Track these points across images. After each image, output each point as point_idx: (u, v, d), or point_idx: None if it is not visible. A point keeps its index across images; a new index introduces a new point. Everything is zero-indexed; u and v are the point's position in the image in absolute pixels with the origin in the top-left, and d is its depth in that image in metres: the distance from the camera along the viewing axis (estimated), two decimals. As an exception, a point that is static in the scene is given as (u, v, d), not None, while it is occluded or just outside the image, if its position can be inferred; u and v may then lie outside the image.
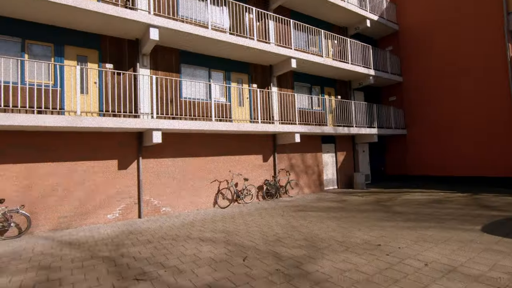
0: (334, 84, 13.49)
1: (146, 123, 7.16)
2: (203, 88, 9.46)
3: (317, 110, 12.55)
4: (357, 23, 13.86)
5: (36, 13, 6.60)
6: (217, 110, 9.59)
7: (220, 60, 9.92)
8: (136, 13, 7.22)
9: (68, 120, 6.13)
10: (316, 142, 12.44)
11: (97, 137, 7.49)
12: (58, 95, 6.79)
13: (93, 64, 7.63)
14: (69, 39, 7.32)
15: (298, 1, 11.64)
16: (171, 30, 7.83)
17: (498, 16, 11.58)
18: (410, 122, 14.62)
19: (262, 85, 10.94)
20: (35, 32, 6.91)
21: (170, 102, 8.65)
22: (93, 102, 7.48)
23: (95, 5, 6.62)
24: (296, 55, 10.40)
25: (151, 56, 8.52)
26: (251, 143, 10.40)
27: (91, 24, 7.23)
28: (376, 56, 14.27)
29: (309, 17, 12.91)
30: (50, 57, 7.12)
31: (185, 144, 8.92)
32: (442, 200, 8.94)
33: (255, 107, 10.53)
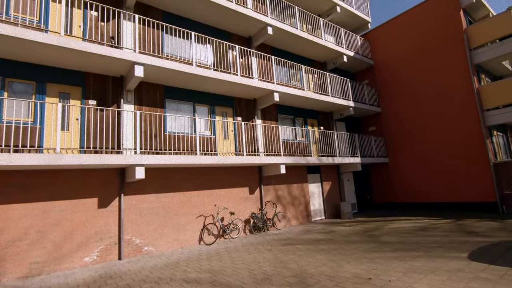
0: (316, 116, 13.91)
1: (128, 159, 7.02)
2: (188, 122, 9.51)
3: (301, 141, 12.78)
4: (335, 59, 14.70)
5: (18, 52, 6.62)
6: (202, 144, 9.58)
7: (204, 95, 10.12)
8: (121, 51, 7.38)
9: (45, 158, 5.93)
10: (301, 172, 12.52)
11: (77, 175, 7.24)
12: (37, 132, 6.63)
13: (75, 101, 7.59)
14: (52, 77, 7.32)
15: (278, 39, 12.33)
16: (156, 67, 8.01)
17: (462, 51, 12.63)
18: (391, 150, 15.08)
19: (247, 118, 11.14)
20: (17, 71, 6.88)
21: (154, 137, 8.60)
22: (74, 138, 7.33)
23: (81, 45, 6.73)
24: (279, 89, 10.78)
25: (136, 92, 8.60)
26: (236, 176, 10.33)
27: (76, 62, 7.30)
28: (354, 89, 15.00)
29: (290, 53, 13.61)
30: (32, 94, 7.04)
31: (169, 179, 8.74)
32: (428, 228, 9.00)
33: (240, 140, 10.61)
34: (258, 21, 10.97)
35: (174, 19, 9.89)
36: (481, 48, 12.48)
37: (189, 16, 10.19)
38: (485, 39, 12.34)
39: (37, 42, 6.27)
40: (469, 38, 12.64)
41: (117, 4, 8.70)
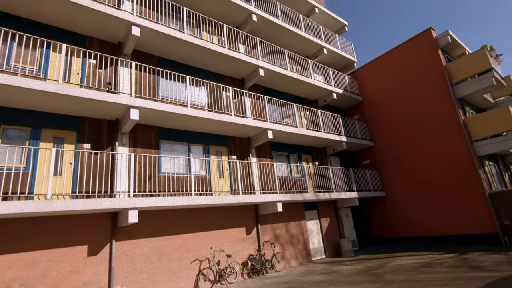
0: (310, 151, 14.05)
1: (121, 202, 6.86)
2: (182, 162, 9.50)
3: (296, 177, 12.75)
4: (325, 96, 15.27)
5: (15, 100, 6.75)
6: (197, 184, 9.48)
7: (199, 135, 10.25)
8: (117, 96, 7.58)
9: (35, 205, 5.76)
10: (299, 209, 12.30)
11: (67, 221, 6.99)
12: (28, 178, 6.52)
13: (70, 145, 7.60)
14: (48, 122, 7.40)
15: (270, 80, 12.87)
16: (151, 110, 8.19)
17: (445, 86, 13.28)
18: (387, 183, 15.07)
19: (242, 156, 11.19)
20: (12, 117, 6.95)
21: (148, 179, 8.50)
22: (66, 183, 7.20)
23: (78, 91, 6.92)
24: (272, 127, 10.99)
25: (131, 134, 8.67)
26: (232, 216, 10.09)
27: (72, 108, 7.44)
28: (346, 124, 15.38)
29: (281, 93, 14.12)
30: (26, 140, 7.05)
31: (163, 222, 8.48)
32: (432, 264, 8.69)
33: (235, 178, 10.54)
34: (249, 64, 11.53)
35: (169, 64, 10.35)
36: (462, 83, 13.17)
37: (184, 61, 10.69)
38: (465, 75, 13.08)
39: (35, 90, 6.43)
40: (450, 74, 13.38)
41: (115, 52, 9.13)
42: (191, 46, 9.95)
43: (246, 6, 12.32)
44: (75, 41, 8.46)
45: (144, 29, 8.82)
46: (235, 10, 12.38)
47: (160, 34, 9.17)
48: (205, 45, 10.13)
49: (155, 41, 9.42)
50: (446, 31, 13.76)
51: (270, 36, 14.26)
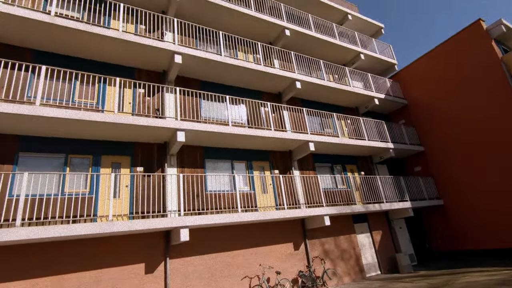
0: (355, 161, 13.50)
1: (173, 221, 7.19)
2: (227, 180, 9.72)
3: (342, 188, 12.28)
4: (366, 103, 14.71)
5: (79, 132, 7.55)
6: (242, 200, 9.60)
7: (241, 151, 10.45)
8: (165, 120, 8.10)
9: (99, 226, 6.28)
10: (347, 222, 11.76)
11: (125, 241, 7.48)
12: (92, 202, 7.16)
13: (125, 169, 8.23)
14: (106, 149, 8.12)
15: (307, 91, 12.79)
16: (195, 131, 8.59)
17: (503, 79, 12.02)
18: (445, 190, 13.81)
19: (284, 170, 11.13)
20: (77, 147, 7.76)
21: (196, 197, 8.83)
22: (124, 205, 7.77)
23: (131, 119, 7.54)
24: (313, 139, 10.82)
25: (178, 155, 9.14)
26: (279, 231, 9.97)
27: (127, 134, 8.10)
28: (391, 130, 14.59)
29: (320, 103, 13.92)
30: (88, 167, 7.80)
31: (213, 239, 8.67)
32: (509, 281, 7.64)
33: (280, 193, 10.48)
34: (286, 78, 11.61)
35: (210, 86, 10.84)
36: (524, 75, 11.82)
37: (223, 81, 11.13)
38: (527, 65, 11.74)
39: (96, 122, 7.14)
40: (508, 65, 12.11)
41: (160, 80, 9.83)
42: (228, 67, 10.35)
43: (279, 22, 12.55)
44: (126, 74, 9.30)
45: (185, 56, 9.40)
46: (268, 28, 12.68)
47: (200, 59, 9.69)
48: (241, 64, 10.47)
49: (196, 65, 9.96)
50: (499, 21, 12.59)
51: (305, 48, 14.29)
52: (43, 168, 7.26)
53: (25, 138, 7.25)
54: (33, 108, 6.46)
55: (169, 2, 10.40)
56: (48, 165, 7.37)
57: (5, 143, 6.97)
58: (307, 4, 15.47)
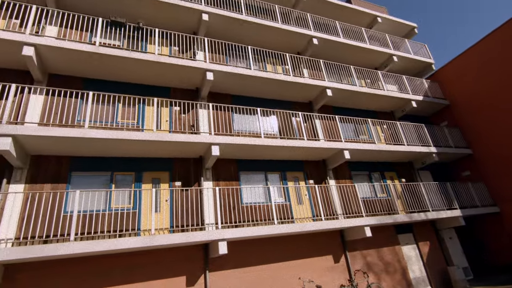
0: (394, 168, 12.84)
1: (211, 234, 7.31)
2: (261, 192, 9.73)
3: (382, 197, 11.70)
4: (402, 106, 14.05)
5: (121, 150, 8.06)
6: (278, 211, 9.52)
7: (274, 163, 10.44)
8: (200, 136, 8.39)
9: (143, 240, 6.58)
10: (390, 233, 11.11)
11: (165, 254, 7.72)
12: (136, 216, 7.54)
13: (164, 184, 8.60)
14: (147, 166, 8.58)
15: (339, 98, 12.55)
16: (229, 145, 8.77)
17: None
18: (500, 196, 12.56)
19: (319, 180, 10.89)
20: (121, 165, 8.29)
21: (233, 209, 8.93)
22: (164, 219, 8.08)
23: (169, 136, 7.92)
24: (348, 146, 10.52)
25: (213, 169, 9.36)
26: (317, 243, 9.69)
27: (165, 151, 8.51)
28: (432, 133, 13.73)
29: (353, 109, 13.56)
30: (131, 183, 8.27)
31: (250, 252, 8.65)
32: None
33: (316, 203, 10.25)
34: (316, 86, 11.51)
35: (241, 99, 11.08)
36: None
37: (253, 94, 11.32)
38: None
39: (137, 140, 7.60)
40: None
41: (194, 97, 10.26)
42: (258, 79, 10.52)
43: (306, 32, 12.58)
44: (162, 93, 9.84)
45: (216, 72, 9.74)
46: (295, 38, 12.75)
47: (230, 74, 9.98)
48: (270, 76, 10.59)
49: (227, 81, 10.27)
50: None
51: (334, 55, 14.14)
52: (92, 186, 7.83)
53: (76, 158, 7.91)
54: (82, 131, 7.06)
55: (199, 23, 10.93)
56: (96, 182, 7.94)
57: (60, 164, 7.66)
58: (334, 11, 15.39)
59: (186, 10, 10.58)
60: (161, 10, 10.40)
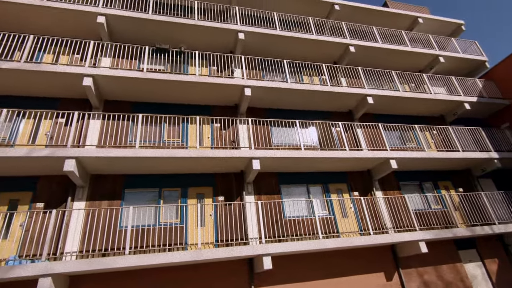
0: (448, 176, 11.79)
1: (255, 249, 7.29)
2: (304, 205, 9.54)
3: (436, 209, 10.75)
4: (453, 109, 13.00)
5: (168, 167, 8.51)
6: (322, 225, 9.23)
7: (316, 175, 10.22)
8: (240, 151, 8.56)
9: (190, 255, 6.77)
10: (449, 249, 10.10)
11: (212, 267, 7.84)
12: (183, 231, 7.84)
13: (208, 199, 8.85)
14: (192, 182, 8.93)
15: (380, 106, 12.02)
16: (269, 158, 8.81)
17: None
18: None
19: (364, 192, 10.39)
20: (169, 182, 8.74)
21: (275, 223, 8.86)
22: (210, 233, 8.27)
23: (211, 152, 8.21)
24: (394, 155, 9.94)
25: (254, 183, 9.44)
26: (366, 259, 9.14)
27: (208, 166, 8.81)
28: (492, 136, 12.44)
29: (396, 116, 12.87)
30: (177, 199, 8.65)
31: (295, 268, 8.44)
32: None
33: (363, 217, 9.75)
34: (355, 94, 11.18)
35: (279, 112, 11.16)
36: None
37: (291, 107, 11.34)
38: None
39: (182, 157, 7.99)
40: None
41: (233, 113, 10.57)
42: (295, 92, 10.54)
43: (342, 41, 12.41)
44: (203, 111, 10.30)
45: (254, 88, 9.96)
46: (331, 48, 12.63)
47: (267, 88, 10.14)
48: (307, 88, 10.55)
49: (264, 95, 10.43)
50: None
51: (373, 61, 13.69)
52: (142, 202, 8.34)
53: (129, 176, 8.52)
54: (134, 151, 7.63)
55: (236, 42, 11.36)
56: (146, 198, 8.45)
57: (115, 182, 8.32)
58: (370, 17, 15.02)
59: (223, 31, 11.10)
60: (200, 33, 11.03)
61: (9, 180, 7.68)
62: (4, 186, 7.58)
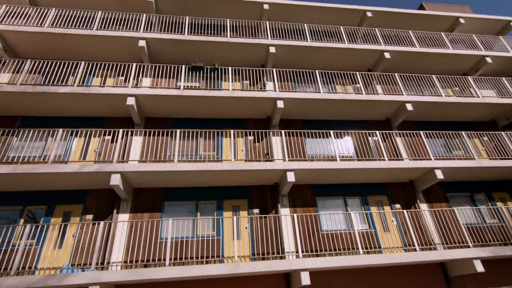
0: (504, 187, 10.68)
1: (292, 263, 7.13)
2: (341, 218, 9.20)
3: (493, 223, 9.74)
4: (506, 113, 11.89)
5: (204, 180, 8.74)
6: (361, 239, 8.79)
7: (353, 186, 9.84)
8: (274, 163, 8.55)
9: (228, 267, 6.81)
10: (510, 268, 9.04)
11: (248, 281, 7.78)
12: (220, 243, 7.93)
13: (243, 212, 8.90)
14: (227, 194, 9.06)
15: (421, 111, 11.36)
16: (304, 170, 8.68)
17: None
18: None
19: (406, 204, 9.77)
20: (205, 194, 8.95)
21: (312, 237, 8.63)
22: (246, 246, 8.27)
23: (245, 165, 8.31)
24: (439, 165, 9.27)
25: (289, 195, 9.32)
26: (413, 277, 8.48)
27: (243, 179, 8.91)
28: (555, 142, 11.10)
29: (439, 122, 12.06)
30: (213, 211, 8.81)
31: (334, 285, 8.08)
32: None
33: (406, 231, 9.14)
34: (392, 102, 10.71)
35: (312, 123, 11.02)
36: None
37: (324, 117, 11.15)
38: None
39: (217, 171, 8.18)
40: None
41: (266, 126, 10.65)
42: (328, 102, 10.37)
43: (376, 48, 12.06)
44: (237, 125, 10.51)
45: (286, 100, 9.99)
46: (364, 56, 12.32)
47: (300, 100, 10.10)
48: (341, 97, 10.33)
49: (297, 107, 10.40)
50: None
51: (410, 67, 13.09)
52: (180, 214, 8.62)
53: (168, 189, 8.89)
54: (173, 165, 7.97)
55: (267, 56, 11.55)
56: (183, 211, 8.72)
57: (155, 194, 8.72)
58: (405, 21, 14.49)
59: (254, 46, 11.37)
60: (233, 49, 11.40)
61: (63, 193, 8.41)
62: (59, 199, 8.31)
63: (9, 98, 8.87)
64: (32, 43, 10.45)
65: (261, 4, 13.05)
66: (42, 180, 7.86)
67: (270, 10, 13.31)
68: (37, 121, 9.57)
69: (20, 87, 8.74)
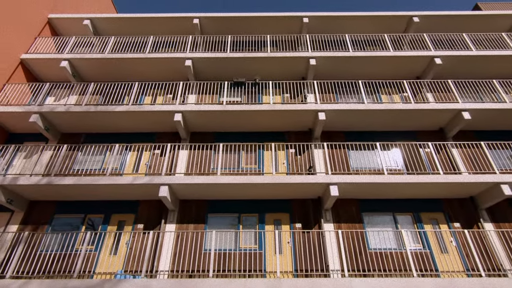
0: None
1: (338, 283, 6.77)
2: (391, 236, 8.57)
3: None
4: None
5: (246, 193, 8.83)
6: (414, 260, 8.07)
7: (403, 202, 9.16)
8: (316, 177, 8.36)
9: (270, 283, 6.69)
10: None
11: (293, 299, 7.57)
12: (262, 257, 7.88)
13: (285, 226, 8.76)
14: (269, 208, 9.03)
15: (480, 121, 10.30)
16: (348, 184, 8.34)
17: None
18: None
19: (467, 223, 8.79)
20: (249, 207, 9.03)
21: (359, 255, 8.15)
22: (288, 261, 8.10)
23: (287, 179, 8.25)
24: (506, 179, 8.24)
25: (333, 210, 8.99)
26: (478, 307, 7.51)
27: (284, 192, 8.83)
28: None
29: (504, 132, 10.79)
30: (255, 224, 8.81)
31: (385, 308, 7.48)
32: None
33: (468, 253, 8.19)
34: (446, 110, 9.89)
35: (355, 135, 10.62)
36: None
37: (369, 128, 10.68)
38: None
39: (259, 184, 8.23)
40: None
41: (307, 138, 10.52)
42: (373, 113, 9.94)
43: (425, 54, 11.35)
44: (278, 138, 10.55)
45: (328, 112, 9.81)
46: (412, 63, 11.65)
47: (342, 111, 9.84)
48: (387, 107, 9.84)
49: (339, 118, 10.14)
50: None
51: (466, 72, 12.04)
52: (223, 226, 8.77)
53: (211, 201, 9.15)
54: (216, 178, 8.22)
55: (307, 68, 11.53)
56: (226, 223, 8.86)
57: (199, 206, 9.02)
58: (457, 24, 13.47)
59: (294, 60, 11.45)
60: (273, 63, 11.61)
61: (118, 203, 9.11)
62: (115, 209, 9.02)
63: (76, 117, 10.02)
64: (95, 68, 11.76)
65: (300, 18, 13.17)
66: (100, 191, 8.63)
67: (309, 23, 13.35)
68: (97, 137, 10.63)
69: (85, 107, 9.84)
